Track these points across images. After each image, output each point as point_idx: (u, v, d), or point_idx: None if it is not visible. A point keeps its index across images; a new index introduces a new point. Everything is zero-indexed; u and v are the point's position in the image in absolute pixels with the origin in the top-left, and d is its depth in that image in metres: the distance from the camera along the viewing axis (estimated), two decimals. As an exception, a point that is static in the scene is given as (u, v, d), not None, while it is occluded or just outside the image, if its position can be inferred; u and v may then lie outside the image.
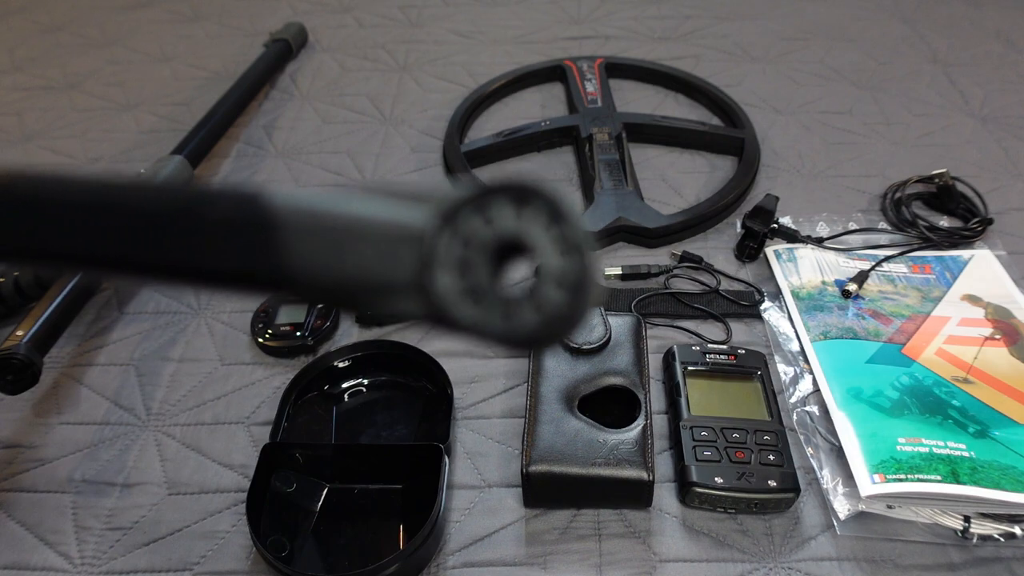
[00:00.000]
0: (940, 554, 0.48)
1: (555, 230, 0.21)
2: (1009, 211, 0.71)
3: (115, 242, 0.24)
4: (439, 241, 0.22)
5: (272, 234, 0.22)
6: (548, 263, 0.21)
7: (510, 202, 0.22)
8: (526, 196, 0.22)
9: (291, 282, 0.23)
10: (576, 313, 0.21)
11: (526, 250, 0.22)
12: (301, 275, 0.22)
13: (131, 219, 0.24)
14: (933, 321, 0.60)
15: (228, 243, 0.23)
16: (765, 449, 0.51)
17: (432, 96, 0.92)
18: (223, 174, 0.81)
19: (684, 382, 0.56)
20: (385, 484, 0.51)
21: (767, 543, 0.49)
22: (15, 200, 0.25)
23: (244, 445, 0.55)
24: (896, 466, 0.50)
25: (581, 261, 0.21)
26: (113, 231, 0.24)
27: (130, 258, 0.24)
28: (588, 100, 0.86)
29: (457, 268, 0.22)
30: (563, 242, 0.21)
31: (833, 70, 0.95)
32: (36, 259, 0.26)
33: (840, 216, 0.71)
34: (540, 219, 0.22)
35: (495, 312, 0.21)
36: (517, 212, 0.22)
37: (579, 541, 0.49)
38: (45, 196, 0.25)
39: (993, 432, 0.52)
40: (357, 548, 0.48)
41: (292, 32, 1.02)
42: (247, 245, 0.23)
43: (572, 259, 0.21)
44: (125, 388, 0.60)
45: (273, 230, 0.22)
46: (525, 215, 0.22)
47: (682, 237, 0.70)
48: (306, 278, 0.22)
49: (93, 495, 0.53)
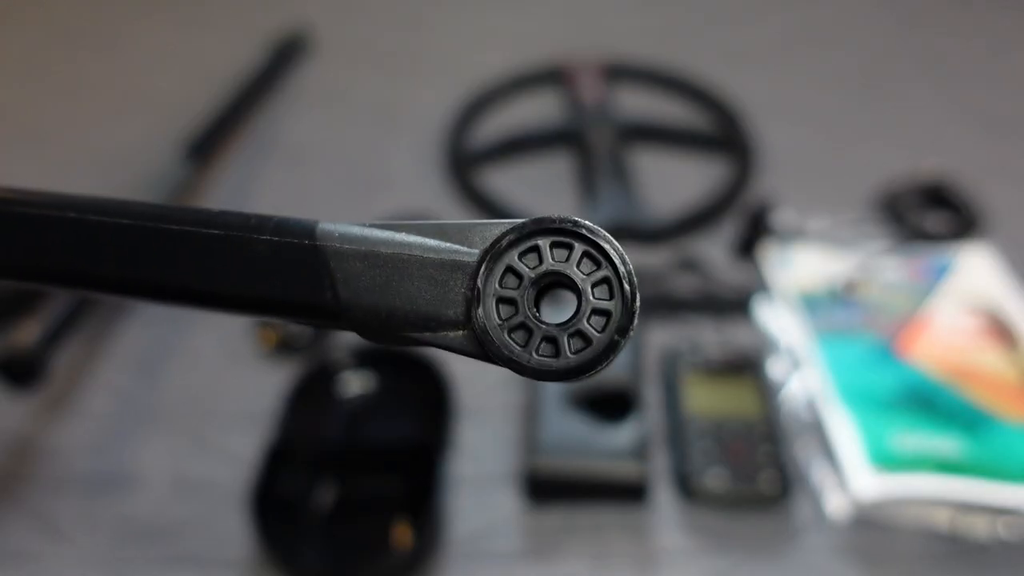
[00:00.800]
0: (933, 549, 0.48)
1: (602, 272, 0.22)
2: (1003, 210, 0.72)
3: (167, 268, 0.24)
4: (487, 274, 0.22)
5: (325, 264, 0.23)
6: (592, 305, 0.22)
7: (559, 239, 0.23)
8: (576, 235, 0.23)
9: (343, 314, 0.23)
10: (612, 355, 0.22)
11: (572, 288, 0.22)
12: (352, 306, 0.23)
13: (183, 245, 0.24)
14: (926, 319, 0.61)
15: (281, 273, 0.24)
16: (761, 446, 0.51)
17: (433, 97, 0.92)
18: (227, 176, 0.82)
19: (681, 380, 0.56)
20: (388, 480, 0.52)
21: (763, 539, 0.49)
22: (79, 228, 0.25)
23: (249, 442, 0.55)
24: (890, 463, 0.50)
25: (625, 306, 0.22)
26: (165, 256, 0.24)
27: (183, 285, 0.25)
28: (588, 101, 0.86)
29: (503, 302, 0.22)
30: (609, 285, 0.22)
31: (831, 71, 0.95)
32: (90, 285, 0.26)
33: (836, 215, 0.72)
34: (588, 259, 0.22)
35: (534, 347, 0.22)
36: (565, 250, 0.23)
37: (578, 535, 0.50)
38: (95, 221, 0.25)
39: (985, 429, 0.52)
40: (360, 544, 0.49)
41: (295, 34, 1.02)
42: (300, 275, 0.23)
43: (616, 303, 0.22)
44: (132, 384, 0.60)
45: (326, 260, 0.23)
46: (573, 254, 0.23)
47: (680, 237, 0.71)
48: (359, 310, 0.23)
49: (99, 489, 0.53)
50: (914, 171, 0.75)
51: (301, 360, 0.60)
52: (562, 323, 0.22)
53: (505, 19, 1.10)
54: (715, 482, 0.50)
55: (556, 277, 0.22)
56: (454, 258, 0.23)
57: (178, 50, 1.06)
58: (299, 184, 0.81)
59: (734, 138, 0.81)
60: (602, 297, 0.22)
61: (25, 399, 0.59)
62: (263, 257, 0.24)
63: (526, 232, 0.23)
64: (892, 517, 0.50)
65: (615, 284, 0.22)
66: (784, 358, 0.59)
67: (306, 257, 0.23)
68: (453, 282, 0.23)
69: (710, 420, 0.53)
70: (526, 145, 0.82)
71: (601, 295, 0.22)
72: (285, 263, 0.24)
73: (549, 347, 0.22)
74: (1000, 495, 0.49)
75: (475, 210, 0.75)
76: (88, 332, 0.64)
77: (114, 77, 1.01)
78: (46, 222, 0.25)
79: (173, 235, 0.24)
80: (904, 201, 0.72)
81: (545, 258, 0.23)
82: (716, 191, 0.74)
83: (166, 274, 0.25)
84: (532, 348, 0.22)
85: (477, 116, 0.87)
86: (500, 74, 0.92)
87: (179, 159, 0.76)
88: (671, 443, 0.54)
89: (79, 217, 0.25)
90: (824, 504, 0.51)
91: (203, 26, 1.12)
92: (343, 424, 0.56)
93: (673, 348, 0.59)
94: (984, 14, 1.06)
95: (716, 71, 0.93)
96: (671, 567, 0.48)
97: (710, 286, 0.65)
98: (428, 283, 0.23)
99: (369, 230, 0.24)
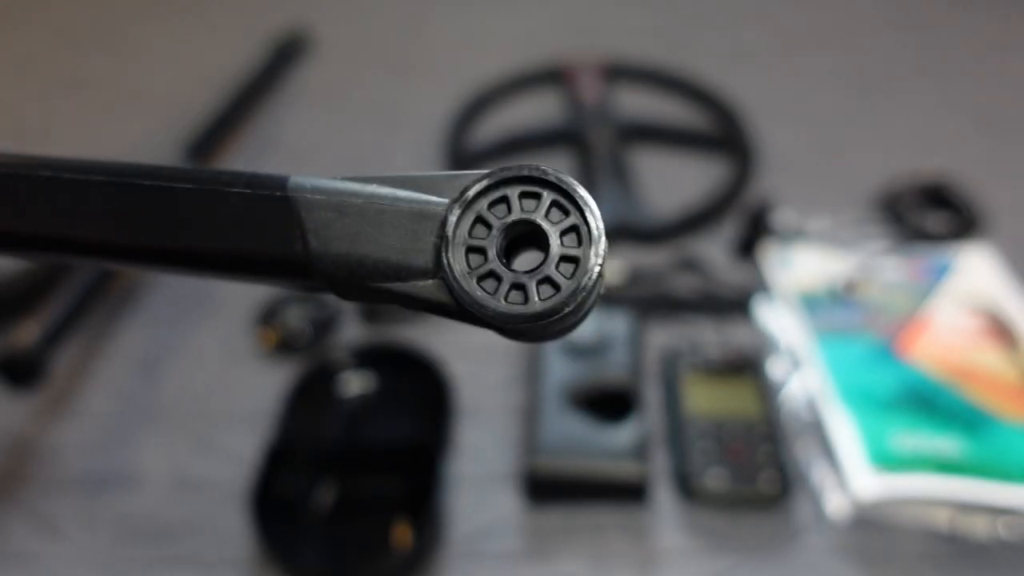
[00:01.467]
0: (933, 549, 0.48)
1: (571, 220, 0.22)
2: (1002, 210, 0.72)
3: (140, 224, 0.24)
4: (457, 223, 0.22)
5: (296, 214, 0.23)
6: (560, 253, 0.22)
7: (528, 189, 0.23)
8: (545, 184, 0.23)
9: (312, 264, 0.23)
10: (580, 299, 0.22)
11: (541, 238, 0.22)
12: (322, 257, 0.23)
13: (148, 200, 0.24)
14: (926, 319, 0.61)
15: (253, 225, 0.24)
16: (761, 446, 0.51)
17: (434, 98, 0.92)
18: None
19: (681, 380, 0.56)
20: (388, 480, 0.52)
21: (763, 539, 0.49)
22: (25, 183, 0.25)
23: (249, 442, 0.55)
24: (890, 463, 0.50)
25: (594, 252, 0.22)
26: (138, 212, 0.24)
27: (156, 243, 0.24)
28: (588, 101, 0.86)
29: (472, 251, 0.22)
30: (577, 233, 0.22)
31: (831, 71, 0.95)
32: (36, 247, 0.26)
33: (836, 215, 0.72)
34: (556, 208, 0.23)
35: (503, 294, 0.22)
36: (534, 200, 0.23)
37: (578, 535, 0.50)
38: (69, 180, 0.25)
39: (985, 429, 0.52)
40: (360, 544, 0.49)
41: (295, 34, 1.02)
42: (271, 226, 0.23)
43: (585, 250, 0.22)
44: (132, 384, 0.61)
45: (297, 210, 0.23)
46: (542, 203, 0.23)
47: (680, 237, 0.71)
48: (327, 260, 0.23)
49: (99, 488, 0.53)
50: (914, 171, 0.75)
51: (301, 360, 0.60)
52: (531, 270, 0.22)
53: (505, 19, 1.10)
54: (715, 482, 0.50)
55: (526, 226, 0.23)
56: (425, 207, 0.23)
57: (178, 50, 1.06)
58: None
59: (734, 138, 0.81)
60: (571, 245, 0.22)
61: (25, 399, 0.59)
62: (235, 210, 0.24)
63: (495, 181, 0.23)
64: (892, 517, 0.50)
65: (583, 231, 0.22)
66: (784, 358, 0.59)
67: (277, 208, 0.23)
68: (423, 231, 0.23)
69: (710, 420, 0.53)
70: (526, 145, 0.83)
71: (570, 243, 0.22)
72: (257, 215, 0.24)
73: (518, 294, 0.22)
74: (1000, 495, 0.49)
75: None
76: (88, 332, 0.64)
77: (114, 77, 1.01)
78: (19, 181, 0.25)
79: (145, 190, 0.24)
80: (904, 201, 0.72)
81: (514, 207, 0.23)
82: (716, 191, 0.74)
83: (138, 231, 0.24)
84: (501, 295, 0.22)
85: (477, 116, 0.87)
86: (500, 74, 0.92)
87: (179, 159, 0.76)
88: (671, 443, 0.54)
89: (54, 176, 0.25)
90: (824, 504, 0.51)
91: (203, 26, 1.12)
92: (343, 424, 0.56)
93: (673, 348, 0.59)
94: (984, 14, 1.06)
95: (716, 71, 0.93)
96: (671, 567, 0.48)
97: (710, 286, 0.65)
98: (399, 232, 0.23)
99: (341, 182, 0.24)
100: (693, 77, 0.90)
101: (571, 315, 0.22)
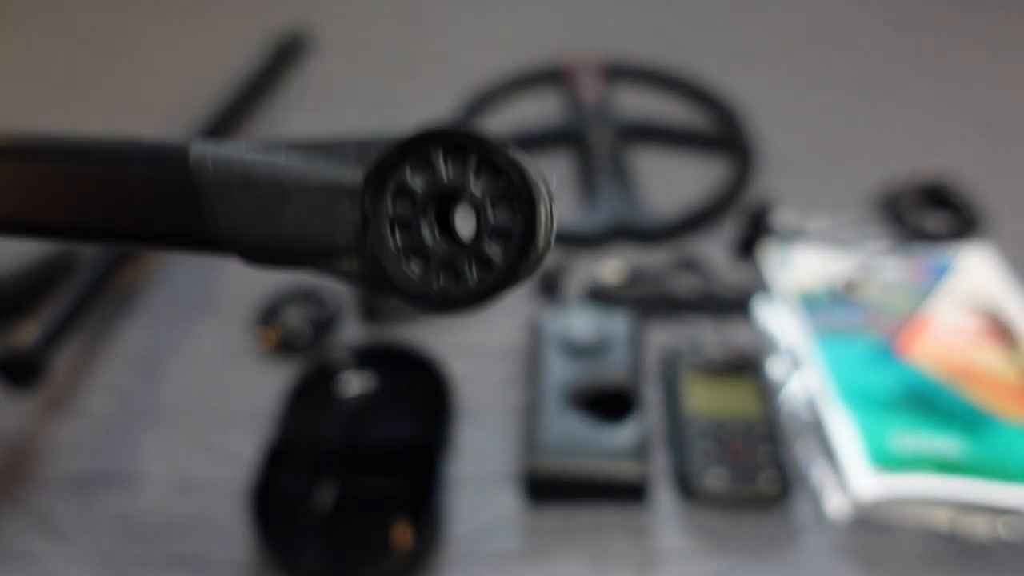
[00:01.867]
0: (933, 549, 0.48)
1: (496, 179, 0.19)
2: (1002, 210, 0.72)
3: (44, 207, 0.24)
4: (376, 196, 0.20)
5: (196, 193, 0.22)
6: (490, 216, 0.19)
7: (448, 150, 0.20)
8: (464, 142, 0.20)
9: (225, 243, 0.22)
10: (521, 268, 0.19)
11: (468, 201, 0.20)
12: (234, 235, 0.21)
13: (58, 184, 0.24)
14: (926, 319, 0.61)
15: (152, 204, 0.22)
16: (761, 446, 0.51)
17: (434, 98, 0.92)
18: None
19: (681, 380, 0.56)
20: (388, 480, 0.52)
21: (763, 539, 0.49)
22: None
23: (249, 442, 0.55)
24: (890, 463, 0.50)
25: (525, 210, 0.19)
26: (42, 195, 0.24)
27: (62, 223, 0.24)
28: (588, 101, 0.86)
29: (395, 225, 0.20)
30: (505, 191, 0.19)
31: (831, 71, 0.95)
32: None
33: (836, 215, 0.72)
34: (486, 170, 0.20)
35: (433, 275, 0.20)
36: (458, 160, 0.20)
37: (577, 535, 0.50)
38: None
39: (985, 429, 0.52)
40: (360, 544, 0.49)
41: (295, 34, 1.02)
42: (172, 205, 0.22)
43: (516, 209, 0.19)
44: (132, 384, 0.61)
45: (197, 189, 0.22)
46: (469, 165, 0.20)
47: (680, 237, 0.71)
48: (241, 239, 0.21)
49: (99, 488, 0.53)
50: (914, 171, 0.75)
51: (301, 360, 0.60)
52: (463, 245, 0.20)
53: (505, 19, 1.10)
54: (715, 482, 0.50)
55: (454, 192, 0.20)
56: (338, 180, 0.21)
57: (178, 50, 1.06)
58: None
59: (734, 138, 0.81)
60: (503, 215, 0.19)
61: (25, 399, 0.59)
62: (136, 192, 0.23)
63: (413, 145, 0.20)
64: (892, 517, 0.50)
65: (515, 199, 0.19)
66: (784, 358, 0.59)
67: (179, 190, 0.22)
68: (340, 206, 0.20)
69: (710, 420, 0.53)
70: (526, 145, 0.82)
71: (502, 213, 0.19)
72: (159, 197, 0.22)
73: (449, 275, 0.20)
74: (1000, 495, 0.49)
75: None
76: (88, 332, 0.64)
77: (114, 77, 1.01)
78: None
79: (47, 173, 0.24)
80: (904, 201, 0.72)
81: (439, 172, 0.20)
82: (716, 191, 0.74)
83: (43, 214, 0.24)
84: (431, 276, 0.20)
85: (477, 116, 0.87)
86: (500, 74, 0.92)
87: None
88: (671, 443, 0.54)
89: None
90: (824, 504, 0.51)
91: (203, 26, 1.12)
92: (343, 424, 0.56)
93: (673, 348, 0.59)
94: (984, 14, 1.06)
95: (716, 71, 0.93)
96: (671, 567, 0.48)
97: (710, 286, 0.65)
98: (314, 209, 0.20)
99: (247, 153, 0.22)
100: (693, 77, 0.90)
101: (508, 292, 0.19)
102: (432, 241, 0.20)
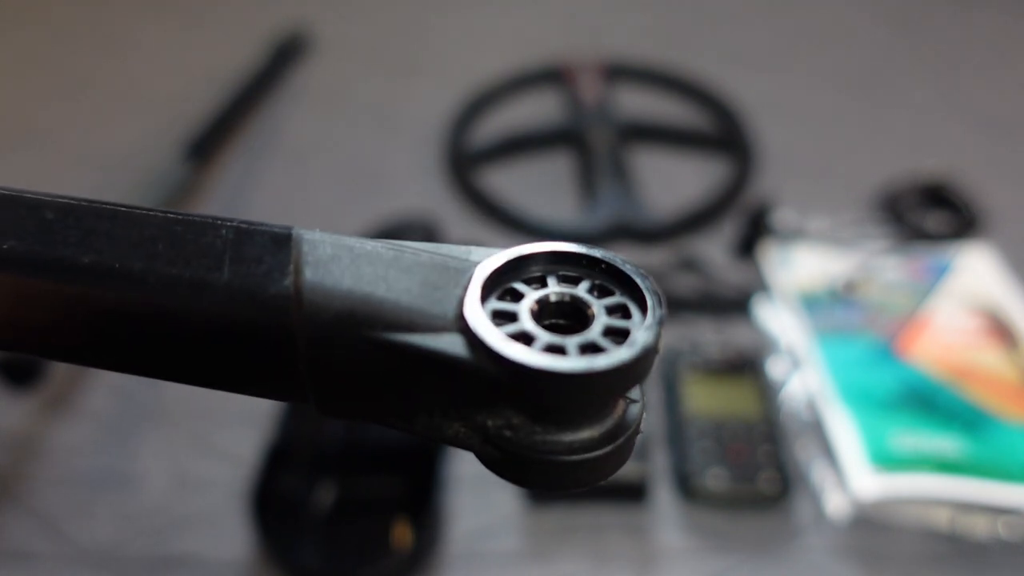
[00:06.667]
0: (933, 549, 0.48)
1: (615, 299, 0.20)
2: (1002, 210, 0.72)
3: None
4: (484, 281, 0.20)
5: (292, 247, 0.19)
6: (605, 324, 0.20)
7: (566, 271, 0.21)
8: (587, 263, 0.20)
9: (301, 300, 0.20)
10: (632, 381, 0.19)
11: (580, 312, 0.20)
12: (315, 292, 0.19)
13: None
14: (926, 319, 0.61)
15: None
16: (761, 446, 0.51)
17: (434, 98, 0.92)
18: (227, 176, 0.82)
19: (681, 380, 0.56)
20: (388, 480, 0.52)
21: (763, 539, 0.49)
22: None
23: (249, 442, 0.55)
24: (890, 463, 0.50)
25: (643, 328, 0.19)
26: None
27: None
28: (588, 101, 0.86)
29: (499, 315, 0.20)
30: (625, 310, 0.20)
31: (831, 71, 0.95)
32: None
33: (836, 215, 0.72)
34: (600, 289, 0.20)
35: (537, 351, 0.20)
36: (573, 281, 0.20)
37: (578, 534, 0.50)
38: None
39: (985, 429, 0.52)
40: (360, 544, 0.49)
41: (295, 34, 1.02)
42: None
43: (635, 325, 0.20)
44: (132, 384, 0.60)
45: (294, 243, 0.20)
46: (582, 284, 0.21)
47: (680, 237, 0.71)
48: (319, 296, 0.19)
49: (99, 488, 0.53)
50: (914, 171, 0.75)
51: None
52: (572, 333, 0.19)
53: (505, 19, 1.10)
54: (715, 482, 0.50)
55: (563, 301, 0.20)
56: (447, 260, 0.20)
57: (178, 50, 1.06)
58: (299, 185, 0.81)
59: (734, 138, 0.81)
60: (617, 319, 0.20)
61: (25, 399, 0.59)
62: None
63: (531, 262, 0.20)
64: (892, 517, 0.50)
65: (633, 308, 0.20)
66: (784, 358, 0.59)
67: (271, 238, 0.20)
68: (444, 281, 0.20)
69: (710, 420, 0.53)
70: (526, 145, 0.82)
71: (616, 318, 0.20)
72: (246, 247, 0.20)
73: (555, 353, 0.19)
74: (1000, 495, 0.49)
75: (475, 210, 0.75)
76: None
77: (114, 77, 1.01)
78: None
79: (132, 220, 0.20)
80: (904, 201, 0.72)
81: (550, 283, 0.20)
82: (716, 191, 0.74)
83: None
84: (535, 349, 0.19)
85: (477, 116, 0.87)
86: (500, 74, 0.92)
87: (179, 159, 0.76)
88: (671, 443, 0.54)
89: None
90: (824, 504, 0.51)
91: (203, 26, 1.12)
92: (343, 424, 0.56)
93: (673, 348, 0.59)
94: (984, 14, 1.06)
95: (716, 71, 0.93)
96: (671, 567, 0.48)
97: (710, 286, 0.65)
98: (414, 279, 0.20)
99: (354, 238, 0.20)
100: (693, 77, 0.90)
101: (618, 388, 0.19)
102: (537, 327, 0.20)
